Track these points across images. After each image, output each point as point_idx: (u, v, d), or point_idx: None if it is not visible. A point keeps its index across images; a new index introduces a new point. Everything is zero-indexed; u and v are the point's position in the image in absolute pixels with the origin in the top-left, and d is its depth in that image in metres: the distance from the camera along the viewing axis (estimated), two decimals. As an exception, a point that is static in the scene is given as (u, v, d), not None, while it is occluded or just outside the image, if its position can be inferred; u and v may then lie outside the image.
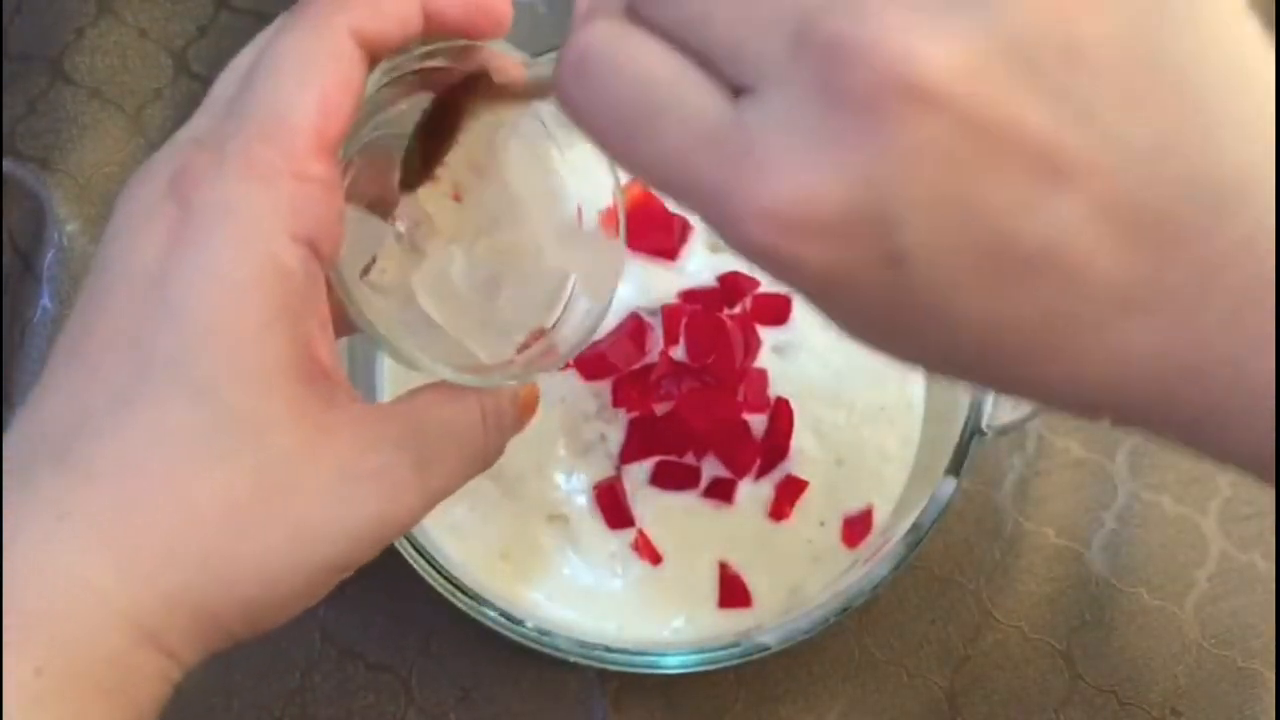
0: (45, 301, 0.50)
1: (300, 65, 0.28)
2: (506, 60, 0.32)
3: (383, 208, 0.34)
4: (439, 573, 0.43)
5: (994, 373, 0.25)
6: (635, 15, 0.25)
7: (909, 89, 0.22)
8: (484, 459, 0.33)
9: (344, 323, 0.31)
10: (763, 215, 0.23)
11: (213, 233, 0.27)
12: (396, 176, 0.33)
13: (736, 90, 0.24)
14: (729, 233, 0.24)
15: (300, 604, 0.29)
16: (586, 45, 0.25)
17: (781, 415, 0.49)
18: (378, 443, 0.30)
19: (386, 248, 0.34)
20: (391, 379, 0.48)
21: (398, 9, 0.30)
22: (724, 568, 0.47)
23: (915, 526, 0.44)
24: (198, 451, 0.27)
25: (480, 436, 0.32)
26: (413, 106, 0.32)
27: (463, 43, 0.31)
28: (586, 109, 0.25)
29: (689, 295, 0.50)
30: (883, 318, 0.25)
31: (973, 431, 0.44)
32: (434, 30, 0.31)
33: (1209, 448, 0.25)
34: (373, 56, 0.30)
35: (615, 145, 0.25)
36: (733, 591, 0.47)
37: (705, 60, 0.24)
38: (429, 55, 0.31)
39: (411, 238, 0.34)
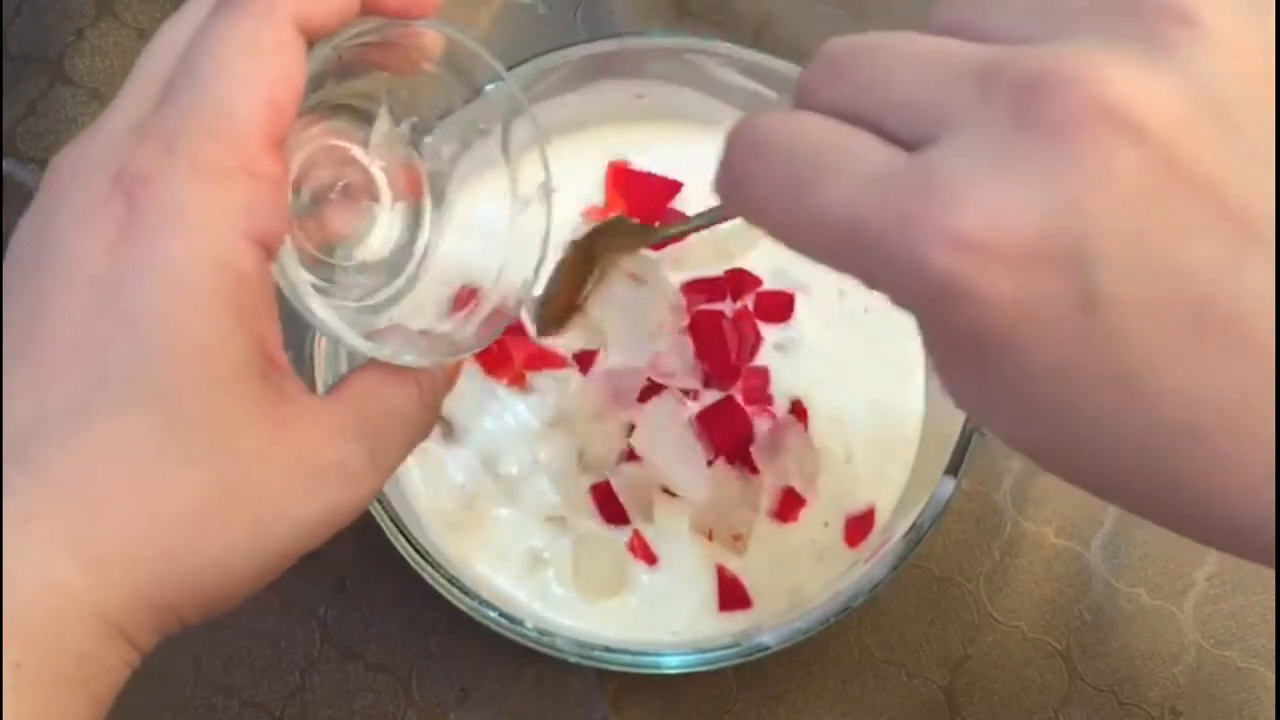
0: (45, 302, 0.50)
1: (246, 57, 0.28)
2: (430, 34, 0.33)
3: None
4: (439, 573, 0.43)
5: (1183, 469, 0.23)
6: (802, 103, 0.25)
7: (1112, 113, 0.21)
8: (424, 431, 0.34)
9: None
10: (948, 239, 0.22)
11: (166, 236, 0.27)
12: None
13: (910, 147, 0.23)
14: (901, 266, 0.23)
15: (253, 588, 0.30)
16: (756, 124, 0.25)
17: (798, 419, 0.49)
18: (334, 435, 0.30)
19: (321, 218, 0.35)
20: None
21: None
22: (722, 570, 0.47)
23: (915, 526, 0.44)
24: (158, 460, 0.27)
25: (420, 412, 0.33)
26: (374, 84, 0.34)
27: (400, 24, 0.32)
28: (750, 180, 0.25)
29: (692, 286, 0.50)
30: (1067, 384, 0.23)
31: (972, 431, 0.44)
32: (369, 13, 0.31)
33: None
34: (309, 40, 0.29)
35: (778, 208, 0.25)
36: (732, 594, 0.47)
37: (877, 126, 0.24)
38: (365, 34, 0.31)
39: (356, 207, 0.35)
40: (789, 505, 0.48)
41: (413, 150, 0.36)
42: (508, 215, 0.37)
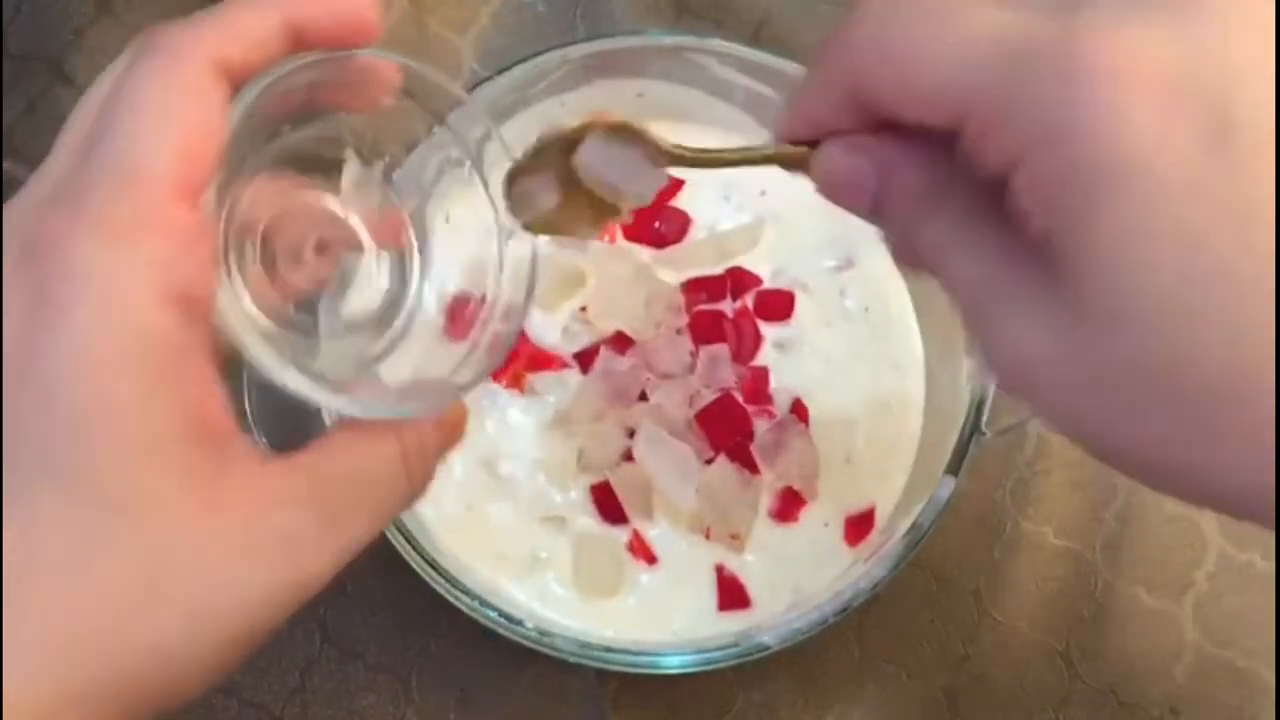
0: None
1: (157, 107, 0.26)
2: (384, 65, 0.31)
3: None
4: (439, 573, 0.43)
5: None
6: None
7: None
8: (407, 496, 0.31)
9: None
10: (1098, 68, 0.23)
11: (75, 304, 0.25)
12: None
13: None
14: (1046, 91, 0.23)
15: (213, 676, 0.27)
16: None
17: (798, 418, 0.49)
18: (277, 503, 0.27)
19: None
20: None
21: (259, 31, 0.28)
22: (721, 570, 0.47)
23: (915, 526, 0.44)
24: (76, 547, 0.25)
25: (400, 475, 0.30)
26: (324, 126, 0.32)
27: (343, 53, 0.30)
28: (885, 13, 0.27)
29: (694, 284, 0.50)
30: (1193, 210, 0.23)
31: (972, 431, 0.44)
32: (301, 47, 0.29)
33: None
34: (235, 83, 0.28)
35: (913, 41, 0.26)
36: (731, 594, 0.47)
37: None
38: (305, 68, 0.29)
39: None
40: (789, 505, 0.48)
41: (389, 192, 0.34)
42: (495, 244, 0.35)
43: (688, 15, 0.57)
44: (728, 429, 0.48)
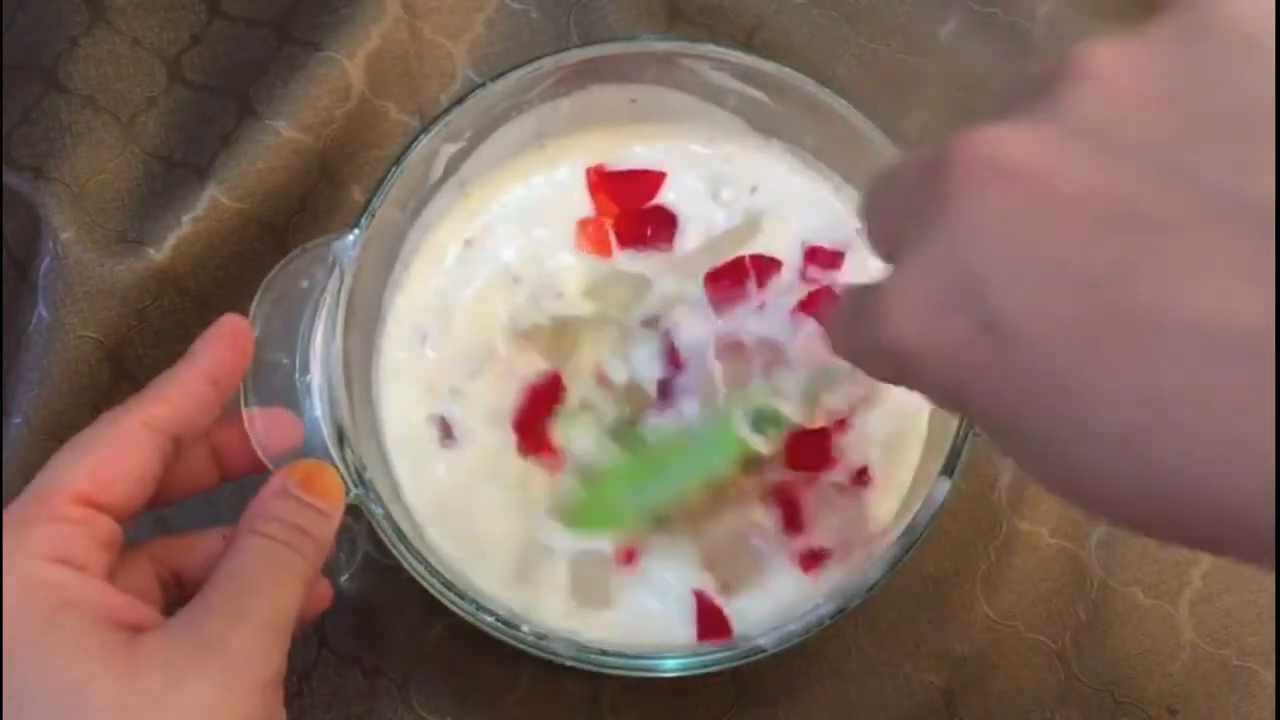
0: (41, 310, 0.50)
1: (79, 445, 0.37)
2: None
3: None
4: (436, 579, 0.43)
5: (1149, 460, 0.23)
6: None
7: (985, 166, 0.25)
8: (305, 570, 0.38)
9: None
10: (884, 334, 0.27)
11: None
12: None
13: None
14: (874, 362, 0.30)
15: None
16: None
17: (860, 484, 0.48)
18: (186, 653, 0.34)
19: None
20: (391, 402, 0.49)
21: (184, 390, 0.39)
22: (701, 598, 0.46)
23: (910, 528, 0.44)
24: None
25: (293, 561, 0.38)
26: None
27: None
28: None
29: (714, 275, 0.49)
30: (1007, 408, 0.25)
31: (967, 433, 0.44)
32: (221, 389, 0.41)
33: None
34: (178, 436, 0.39)
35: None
36: (710, 623, 0.46)
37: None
38: None
39: None
40: (813, 560, 0.47)
41: None
42: None
43: (681, 21, 0.57)
44: (810, 457, 0.47)
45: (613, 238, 0.50)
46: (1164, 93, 0.24)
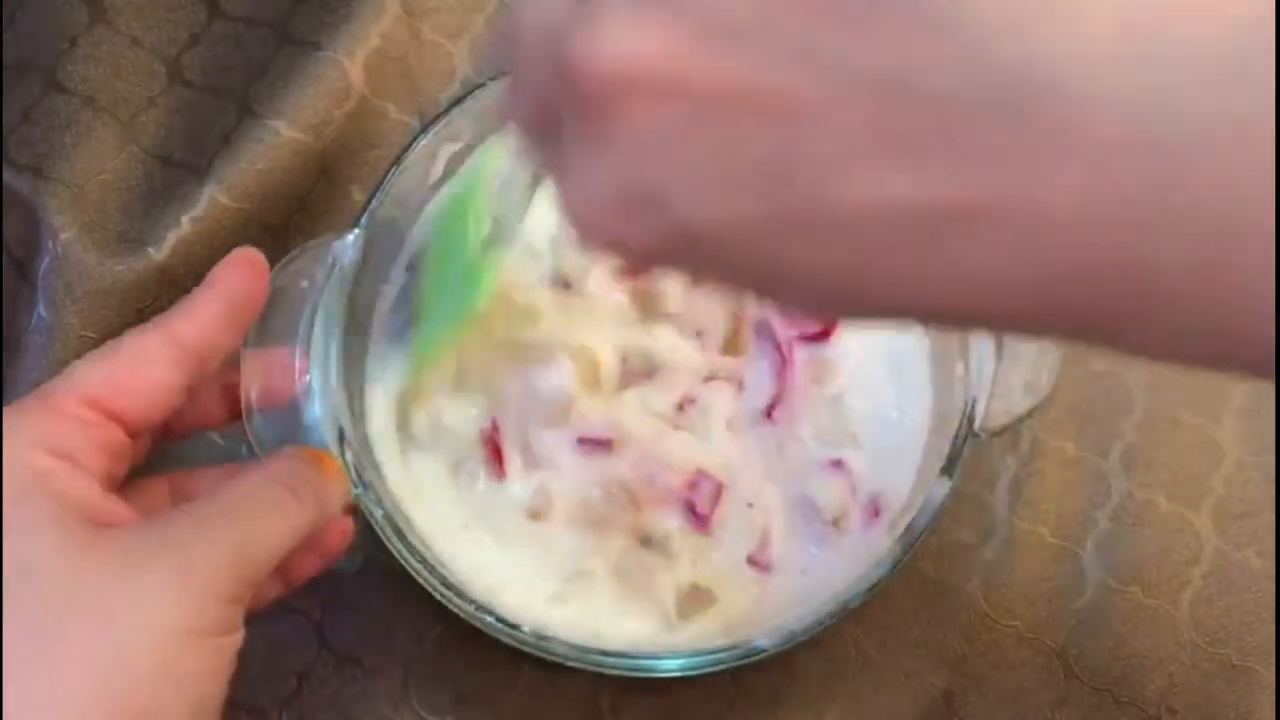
0: (40, 310, 0.50)
1: (100, 354, 0.38)
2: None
3: None
4: (436, 578, 0.43)
5: (845, 308, 0.26)
6: None
7: (626, 83, 0.24)
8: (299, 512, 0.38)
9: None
10: (578, 221, 0.26)
11: None
12: None
13: None
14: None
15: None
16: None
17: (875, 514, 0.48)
18: (148, 546, 0.34)
19: None
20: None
21: (204, 313, 0.40)
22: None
23: (910, 528, 0.44)
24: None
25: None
26: None
27: None
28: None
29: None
30: (724, 276, 0.26)
31: (966, 433, 0.44)
32: (238, 321, 0.41)
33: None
34: (201, 356, 0.39)
35: None
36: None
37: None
38: None
39: None
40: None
41: None
42: None
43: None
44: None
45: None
46: None
